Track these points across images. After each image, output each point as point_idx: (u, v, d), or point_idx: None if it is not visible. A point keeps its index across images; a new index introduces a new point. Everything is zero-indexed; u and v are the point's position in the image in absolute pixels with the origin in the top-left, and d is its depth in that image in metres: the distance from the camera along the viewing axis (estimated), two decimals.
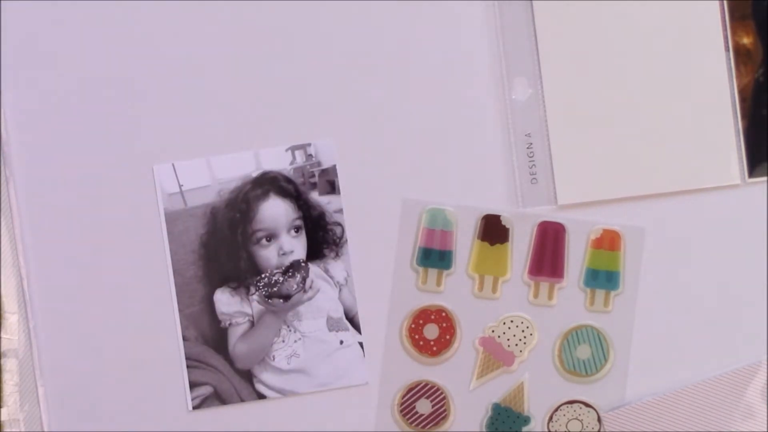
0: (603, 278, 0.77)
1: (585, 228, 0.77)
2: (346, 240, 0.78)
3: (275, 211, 0.78)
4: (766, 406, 0.76)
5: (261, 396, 0.78)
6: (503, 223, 0.77)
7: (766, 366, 0.76)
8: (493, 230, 0.77)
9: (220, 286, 0.77)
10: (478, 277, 0.77)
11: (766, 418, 0.76)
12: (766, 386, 0.76)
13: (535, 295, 0.77)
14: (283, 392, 0.77)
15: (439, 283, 0.77)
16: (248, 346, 0.78)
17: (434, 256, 0.77)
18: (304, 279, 0.78)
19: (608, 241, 0.77)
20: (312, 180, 0.78)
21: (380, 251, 0.77)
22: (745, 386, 0.76)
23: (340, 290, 0.78)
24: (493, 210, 0.77)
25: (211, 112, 0.77)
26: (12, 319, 0.76)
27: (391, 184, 0.77)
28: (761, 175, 0.76)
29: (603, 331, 0.77)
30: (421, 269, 0.77)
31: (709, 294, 0.77)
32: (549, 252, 0.77)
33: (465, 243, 0.77)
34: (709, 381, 0.76)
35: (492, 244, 0.77)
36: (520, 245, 0.77)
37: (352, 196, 0.77)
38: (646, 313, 0.77)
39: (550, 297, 0.77)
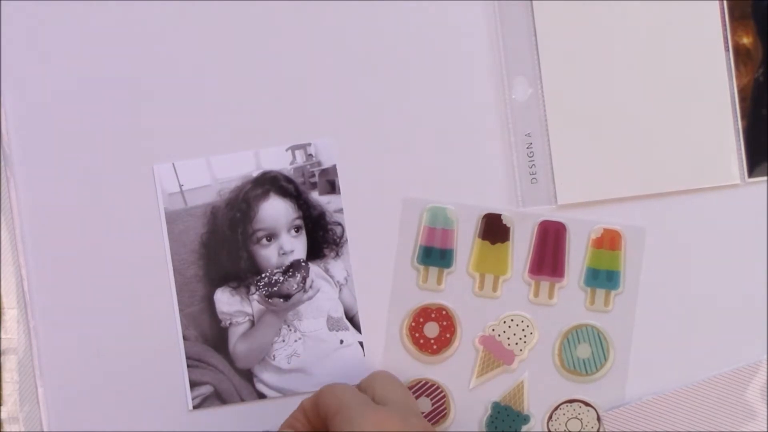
0: (603, 278, 0.77)
1: (586, 227, 0.77)
2: (346, 240, 0.78)
3: (275, 210, 0.78)
4: (766, 406, 0.76)
5: (261, 395, 0.78)
6: (504, 222, 0.77)
7: (766, 366, 0.76)
8: (494, 229, 0.77)
9: (221, 286, 0.77)
10: (478, 276, 0.77)
11: (766, 418, 0.76)
12: (766, 386, 0.76)
13: (536, 294, 0.77)
14: (283, 392, 0.77)
15: (439, 282, 0.77)
16: (248, 345, 0.78)
17: (435, 255, 0.77)
18: (304, 278, 0.78)
19: (609, 241, 0.77)
20: (312, 180, 0.78)
21: (380, 251, 0.77)
22: (745, 386, 0.76)
23: (340, 290, 0.78)
24: (493, 209, 0.77)
25: (211, 112, 0.77)
26: (11, 314, 0.76)
27: (391, 183, 0.77)
28: (761, 175, 0.76)
29: (603, 330, 0.77)
30: (421, 267, 0.77)
31: (709, 294, 0.77)
32: (550, 251, 0.77)
33: (466, 242, 0.77)
34: (709, 381, 0.76)
35: (493, 243, 0.77)
36: (521, 244, 0.77)
37: (352, 196, 0.78)
38: (646, 313, 0.77)
39: (550, 296, 0.77)
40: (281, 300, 0.78)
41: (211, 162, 0.77)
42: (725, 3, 0.76)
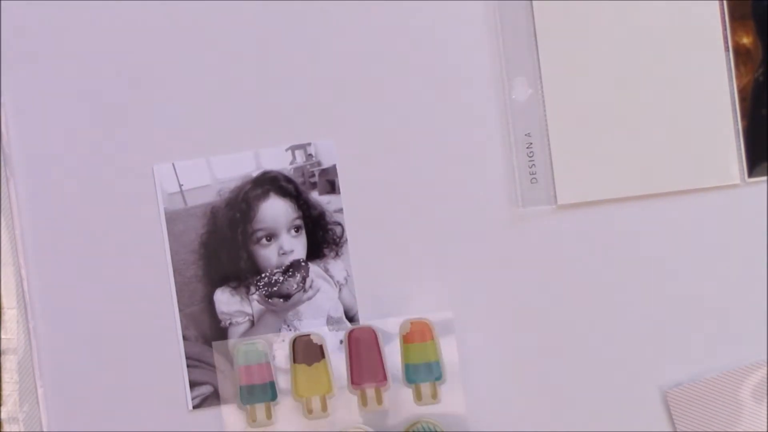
0: (424, 371, 0.75)
1: (395, 326, 0.75)
2: (346, 240, 0.78)
3: (275, 210, 0.78)
4: (764, 406, 0.76)
5: None
6: (314, 341, 0.75)
7: (765, 366, 0.76)
8: (306, 351, 0.75)
9: (221, 286, 0.77)
10: (305, 400, 0.75)
11: (765, 419, 0.76)
12: (765, 386, 0.76)
13: (364, 404, 0.76)
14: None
15: (269, 416, 0.76)
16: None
17: (258, 392, 0.76)
18: (304, 278, 0.78)
19: (419, 334, 0.75)
20: (312, 180, 0.78)
21: (380, 251, 0.77)
22: (743, 386, 0.76)
23: (340, 290, 0.78)
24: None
25: (211, 112, 0.77)
26: (10, 314, 0.76)
27: (391, 183, 0.77)
28: (761, 175, 0.76)
29: (437, 423, 0.75)
30: (248, 407, 0.76)
31: (709, 294, 0.77)
32: (365, 359, 0.75)
33: (286, 368, 0.76)
34: (709, 381, 0.76)
35: (309, 364, 0.75)
36: (339, 357, 0.76)
37: (352, 196, 0.77)
38: (646, 313, 0.77)
39: (378, 402, 0.75)
40: (281, 300, 0.78)
41: (211, 162, 0.77)
42: (725, 3, 0.76)
